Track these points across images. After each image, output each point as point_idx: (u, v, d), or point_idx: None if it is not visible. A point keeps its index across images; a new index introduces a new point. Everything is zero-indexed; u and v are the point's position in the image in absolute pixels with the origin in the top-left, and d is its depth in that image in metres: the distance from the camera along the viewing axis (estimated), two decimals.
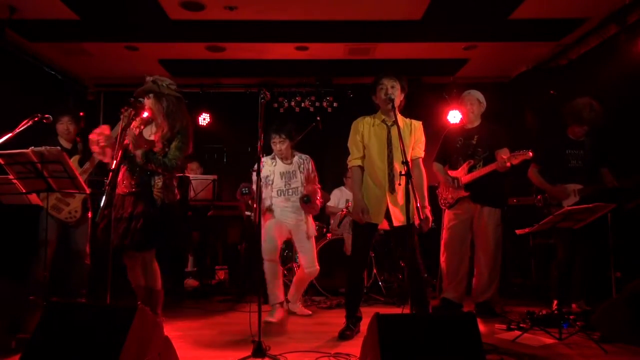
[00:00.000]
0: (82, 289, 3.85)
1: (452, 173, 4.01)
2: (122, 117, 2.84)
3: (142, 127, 3.13)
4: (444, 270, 4.02)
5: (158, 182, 3.06)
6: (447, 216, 4.06)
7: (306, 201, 3.82)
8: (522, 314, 3.61)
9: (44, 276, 3.26)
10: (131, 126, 2.98)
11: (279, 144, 3.90)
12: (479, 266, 3.93)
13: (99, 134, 3.03)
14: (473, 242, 3.99)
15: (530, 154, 3.61)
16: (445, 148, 4.14)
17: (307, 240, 3.96)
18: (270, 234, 3.90)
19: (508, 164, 3.66)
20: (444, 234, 4.05)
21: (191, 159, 5.84)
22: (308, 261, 3.94)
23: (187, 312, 4.11)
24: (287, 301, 4.10)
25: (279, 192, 3.96)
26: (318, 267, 3.97)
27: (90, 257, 3.89)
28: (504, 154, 3.74)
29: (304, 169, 4.00)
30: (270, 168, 3.97)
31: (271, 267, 3.88)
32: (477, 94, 4.03)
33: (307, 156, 4.06)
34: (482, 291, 3.89)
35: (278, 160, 4.00)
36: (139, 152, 2.97)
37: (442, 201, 4.13)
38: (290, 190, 3.94)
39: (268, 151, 4.00)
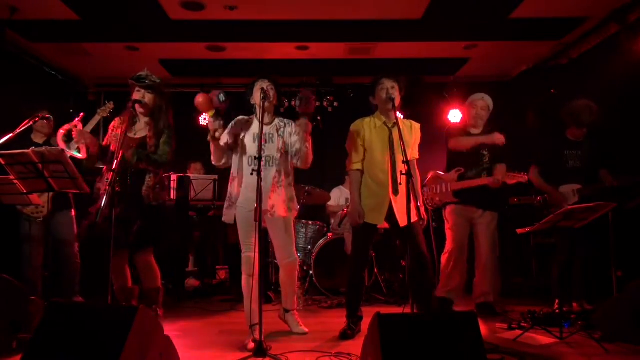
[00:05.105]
0: (74, 286, 3.86)
1: (443, 176, 3.98)
2: (119, 118, 2.88)
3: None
4: (441, 267, 4.01)
5: (149, 181, 3.08)
6: (448, 214, 4.04)
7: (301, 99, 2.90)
8: (523, 313, 3.60)
9: (30, 275, 3.30)
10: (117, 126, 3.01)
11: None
12: (481, 269, 3.90)
13: (71, 129, 3.08)
14: (473, 242, 3.98)
15: (526, 177, 3.66)
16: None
17: (284, 225, 3.06)
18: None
19: (500, 184, 3.69)
20: (446, 232, 4.04)
21: (195, 159, 5.84)
22: (284, 252, 3.12)
23: (188, 312, 4.11)
24: (286, 311, 3.34)
25: (250, 160, 3.02)
26: (297, 257, 3.20)
27: (79, 256, 3.89)
28: (500, 171, 3.76)
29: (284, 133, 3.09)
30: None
31: (250, 281, 2.94)
32: (490, 100, 3.93)
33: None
34: (484, 293, 3.88)
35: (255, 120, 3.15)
36: (129, 152, 3.00)
37: (427, 201, 4.05)
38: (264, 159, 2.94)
39: None
